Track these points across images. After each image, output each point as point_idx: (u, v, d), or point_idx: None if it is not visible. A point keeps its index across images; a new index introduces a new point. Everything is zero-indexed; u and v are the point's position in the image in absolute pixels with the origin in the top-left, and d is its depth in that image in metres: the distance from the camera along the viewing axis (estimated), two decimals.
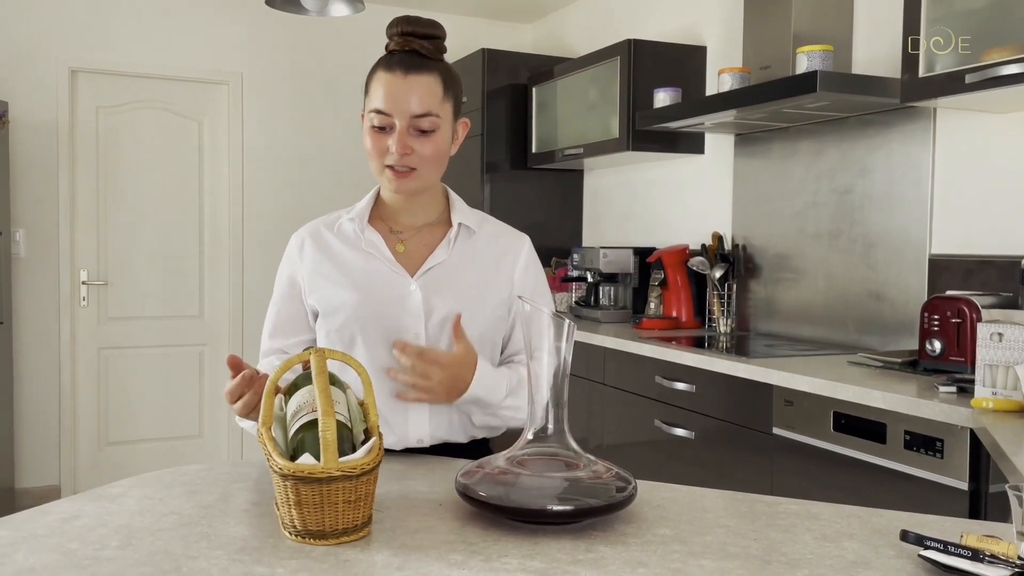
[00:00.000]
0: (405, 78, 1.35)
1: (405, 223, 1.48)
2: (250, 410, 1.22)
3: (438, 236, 1.47)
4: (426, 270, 1.43)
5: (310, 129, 4.66)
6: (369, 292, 1.42)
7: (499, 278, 1.48)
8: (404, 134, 1.35)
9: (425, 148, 1.37)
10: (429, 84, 1.36)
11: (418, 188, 1.42)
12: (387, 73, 1.36)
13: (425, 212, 1.48)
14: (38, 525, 1.04)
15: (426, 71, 1.36)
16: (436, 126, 1.37)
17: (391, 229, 1.47)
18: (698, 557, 0.95)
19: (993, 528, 1.06)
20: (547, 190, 4.39)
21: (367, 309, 1.41)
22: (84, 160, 4.25)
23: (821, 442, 2.22)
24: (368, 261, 1.44)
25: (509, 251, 1.51)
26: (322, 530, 0.98)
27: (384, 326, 1.40)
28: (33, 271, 4.14)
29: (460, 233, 1.47)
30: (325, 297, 1.44)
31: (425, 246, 1.46)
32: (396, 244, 1.46)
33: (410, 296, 1.41)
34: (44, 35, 4.11)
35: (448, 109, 1.40)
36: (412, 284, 1.42)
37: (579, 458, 1.09)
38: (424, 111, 1.35)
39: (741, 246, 3.34)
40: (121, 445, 4.38)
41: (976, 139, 2.48)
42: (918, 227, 2.64)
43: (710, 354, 2.65)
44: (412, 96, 1.34)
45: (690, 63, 3.58)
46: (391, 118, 1.35)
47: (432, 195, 1.48)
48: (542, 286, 1.54)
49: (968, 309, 2.15)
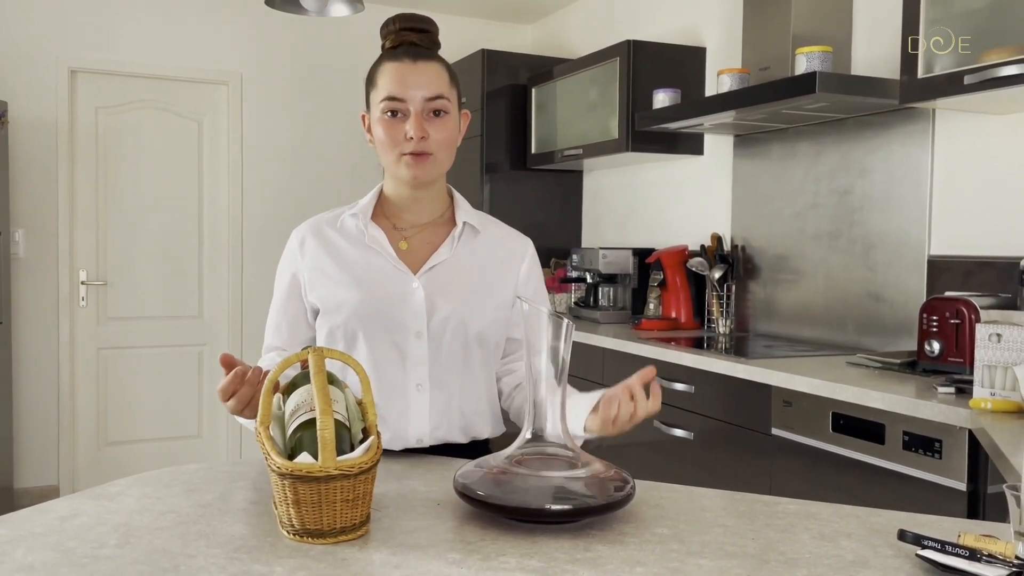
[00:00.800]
0: (415, 64, 1.38)
1: (409, 220, 1.47)
2: (243, 406, 1.19)
3: (441, 234, 1.47)
4: (429, 268, 1.43)
5: (310, 129, 4.66)
6: (371, 289, 1.41)
7: (502, 279, 1.49)
8: (419, 117, 1.37)
9: (440, 132, 1.39)
10: (437, 69, 1.40)
11: (434, 175, 1.42)
12: (395, 62, 1.38)
13: (430, 209, 1.48)
14: (37, 523, 1.04)
15: (432, 59, 1.40)
16: (448, 109, 1.40)
17: (394, 226, 1.47)
18: (696, 556, 0.95)
19: (991, 528, 1.06)
20: (546, 191, 4.39)
21: (369, 306, 1.40)
22: (83, 160, 4.25)
23: (820, 443, 2.22)
24: (371, 257, 1.43)
25: (514, 253, 1.52)
26: (320, 529, 0.98)
27: (386, 324, 1.40)
28: (32, 271, 4.14)
29: (464, 232, 1.47)
30: (327, 294, 1.43)
31: (428, 244, 1.46)
32: (399, 241, 1.46)
33: (413, 294, 1.41)
34: (44, 35, 4.11)
35: (455, 96, 1.43)
36: (415, 282, 1.42)
37: (577, 458, 1.09)
38: (436, 93, 1.38)
39: (740, 247, 3.34)
40: (120, 445, 4.38)
41: (975, 140, 2.48)
42: (917, 228, 2.64)
43: (709, 355, 2.65)
44: (423, 80, 1.37)
45: (689, 64, 3.58)
46: (404, 103, 1.37)
47: (437, 192, 1.48)
48: (543, 291, 1.56)
49: (967, 310, 2.15)
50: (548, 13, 4.80)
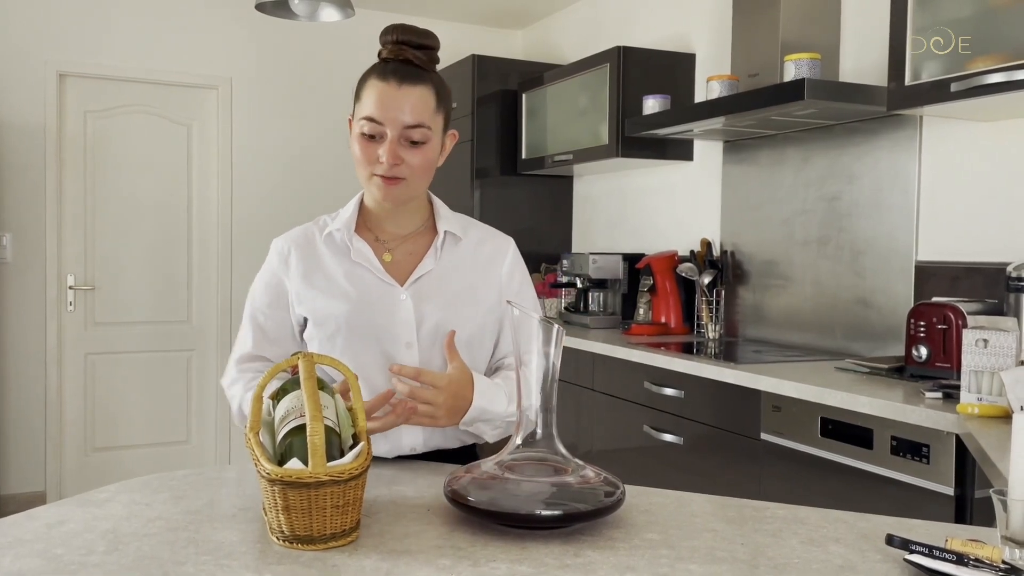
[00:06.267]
0: (399, 88, 1.34)
1: (391, 232, 1.48)
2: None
3: (424, 244, 1.48)
4: (415, 279, 1.43)
5: (299, 134, 4.66)
6: (360, 302, 1.41)
7: (487, 282, 1.49)
8: (395, 144, 1.35)
9: (415, 159, 1.37)
10: (422, 96, 1.36)
11: (405, 197, 1.42)
12: (381, 82, 1.35)
13: (411, 221, 1.48)
14: (24, 530, 1.03)
15: (420, 82, 1.36)
16: (427, 138, 1.37)
17: (376, 238, 1.47)
18: (686, 561, 0.95)
19: (978, 533, 1.07)
20: (537, 196, 4.40)
21: (358, 319, 1.40)
22: (72, 164, 4.23)
23: (808, 447, 2.23)
24: (357, 271, 1.43)
25: (495, 255, 1.52)
26: (310, 535, 0.98)
27: (376, 335, 1.41)
28: (20, 276, 4.12)
29: (446, 241, 1.48)
30: (316, 307, 1.43)
31: (412, 255, 1.47)
32: (383, 253, 1.46)
33: (400, 305, 1.42)
34: (32, 39, 4.10)
35: (439, 121, 1.40)
36: (403, 293, 1.42)
37: (568, 463, 1.09)
38: (416, 122, 1.35)
39: (729, 252, 3.36)
40: (108, 451, 4.35)
41: (962, 147, 2.50)
42: (905, 234, 2.66)
43: (698, 360, 2.66)
44: (405, 106, 1.34)
45: (679, 70, 3.59)
46: (382, 127, 1.35)
47: (417, 204, 1.48)
48: (527, 287, 1.55)
49: (954, 315, 2.16)
50: (539, 19, 4.82)
